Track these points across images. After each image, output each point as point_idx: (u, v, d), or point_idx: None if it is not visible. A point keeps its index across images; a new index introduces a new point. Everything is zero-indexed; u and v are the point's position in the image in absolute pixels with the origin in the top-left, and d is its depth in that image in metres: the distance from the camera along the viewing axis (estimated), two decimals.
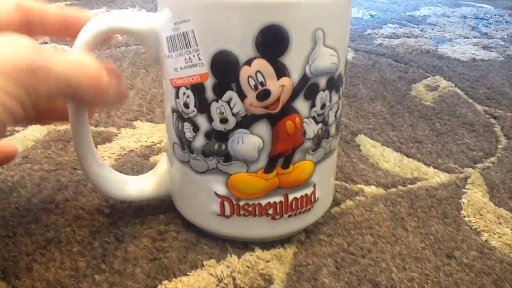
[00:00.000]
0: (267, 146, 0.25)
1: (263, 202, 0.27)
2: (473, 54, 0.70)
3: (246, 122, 0.24)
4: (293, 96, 0.24)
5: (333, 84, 0.25)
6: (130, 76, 0.56)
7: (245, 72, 0.23)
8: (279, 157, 0.26)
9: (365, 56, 0.67)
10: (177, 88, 0.25)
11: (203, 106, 0.24)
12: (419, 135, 0.44)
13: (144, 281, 0.26)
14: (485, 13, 1.02)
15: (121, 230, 0.30)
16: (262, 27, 0.22)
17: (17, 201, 0.32)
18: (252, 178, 0.26)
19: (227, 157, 0.25)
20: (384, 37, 0.78)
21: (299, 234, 0.30)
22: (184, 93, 0.25)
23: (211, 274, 0.26)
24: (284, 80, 0.23)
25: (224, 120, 0.24)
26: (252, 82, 0.23)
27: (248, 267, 0.27)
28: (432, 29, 0.86)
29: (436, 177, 0.37)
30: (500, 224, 0.32)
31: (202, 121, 0.25)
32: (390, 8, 1.04)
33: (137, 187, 0.30)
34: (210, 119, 0.25)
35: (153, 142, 0.41)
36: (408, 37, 0.79)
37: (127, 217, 0.31)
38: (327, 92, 0.25)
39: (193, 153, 0.26)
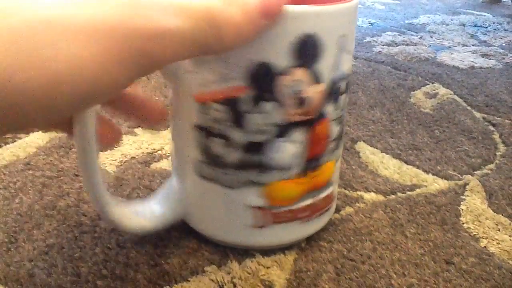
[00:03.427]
0: (302, 151, 0.26)
1: (296, 206, 0.27)
2: (472, 61, 0.71)
3: (284, 130, 0.25)
4: (325, 101, 0.25)
5: (348, 86, 0.27)
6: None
7: (283, 82, 0.23)
8: (312, 161, 0.26)
9: (364, 64, 0.68)
10: (204, 104, 0.24)
11: (238, 120, 0.24)
12: (418, 142, 0.45)
13: (145, 287, 0.26)
14: (483, 21, 1.02)
15: (122, 236, 0.30)
16: (298, 36, 0.22)
17: (19, 207, 0.32)
18: (288, 184, 0.26)
19: (264, 168, 0.25)
20: (383, 45, 0.79)
21: (299, 240, 0.30)
22: (215, 108, 0.24)
23: (212, 280, 0.27)
24: (319, 87, 0.24)
25: (261, 132, 0.24)
26: (290, 91, 0.24)
27: (249, 273, 0.27)
28: (431, 37, 0.86)
29: (435, 184, 0.38)
30: (499, 230, 0.32)
31: (236, 134, 0.25)
32: (389, 16, 1.05)
33: (149, 216, 0.28)
34: (246, 131, 0.24)
35: (154, 149, 0.41)
36: (407, 44, 0.80)
37: None
38: (345, 95, 0.27)
39: (223, 168, 0.26)
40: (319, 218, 0.29)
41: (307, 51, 0.23)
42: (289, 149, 0.25)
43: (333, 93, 0.25)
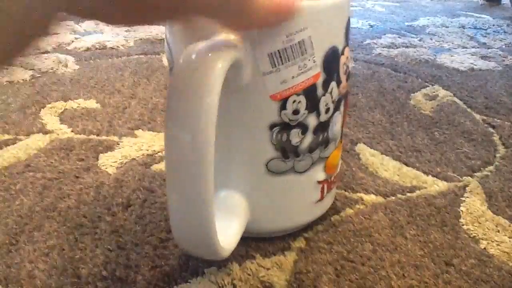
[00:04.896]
0: (343, 120, 0.29)
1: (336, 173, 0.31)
2: (472, 63, 0.71)
3: (338, 104, 0.28)
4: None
5: None
6: (132, 85, 0.56)
7: (342, 61, 0.26)
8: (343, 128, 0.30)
9: (364, 66, 0.68)
10: (284, 100, 0.25)
11: (314, 105, 0.26)
12: (418, 144, 0.45)
13: None
14: (483, 23, 1.03)
15: (122, 237, 0.30)
16: (347, 19, 0.26)
17: (20, 209, 0.32)
18: (338, 152, 0.30)
19: (327, 143, 0.28)
20: (383, 47, 0.79)
21: (300, 242, 0.30)
22: (294, 101, 0.25)
23: (212, 282, 0.27)
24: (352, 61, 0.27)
25: (327, 110, 0.27)
26: (345, 68, 0.27)
27: (249, 275, 0.27)
28: (431, 39, 0.87)
29: (435, 185, 0.38)
30: (499, 232, 0.32)
31: (311, 119, 0.26)
32: (389, 18, 1.05)
33: (232, 236, 0.26)
34: (318, 114, 0.26)
35: (154, 150, 0.41)
36: (407, 47, 0.80)
37: (128, 225, 0.31)
38: None
39: (298, 156, 0.27)
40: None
41: (348, 31, 0.26)
42: (339, 120, 0.28)
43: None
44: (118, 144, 0.42)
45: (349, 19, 0.27)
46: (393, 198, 0.36)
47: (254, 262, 0.28)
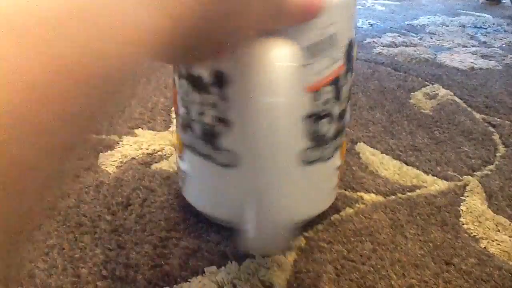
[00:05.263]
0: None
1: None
2: (472, 62, 0.71)
3: (351, 93, 0.29)
4: None
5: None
6: (131, 84, 0.56)
7: (354, 52, 0.28)
8: None
9: (364, 65, 0.68)
10: (316, 91, 0.26)
11: (339, 94, 0.27)
12: (418, 143, 0.45)
13: None
14: (483, 22, 1.03)
15: (122, 237, 0.30)
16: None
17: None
18: (345, 139, 0.30)
19: (343, 129, 0.29)
20: (383, 46, 0.79)
21: (300, 241, 0.30)
22: (325, 91, 0.26)
23: (212, 281, 0.27)
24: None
25: (345, 98, 0.28)
26: (354, 58, 0.28)
27: (249, 274, 0.27)
28: (431, 38, 0.86)
29: (435, 184, 0.38)
30: (499, 231, 0.32)
31: (336, 108, 0.27)
32: (389, 17, 1.05)
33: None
34: (340, 103, 0.28)
35: (154, 149, 0.41)
36: (407, 46, 0.80)
37: (128, 224, 0.31)
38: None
39: (326, 144, 0.28)
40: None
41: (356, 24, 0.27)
42: (349, 108, 0.30)
43: None
44: (118, 143, 0.42)
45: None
46: (393, 197, 0.36)
47: (254, 262, 0.28)
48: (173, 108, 0.28)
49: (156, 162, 0.39)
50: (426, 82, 0.62)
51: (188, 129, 0.28)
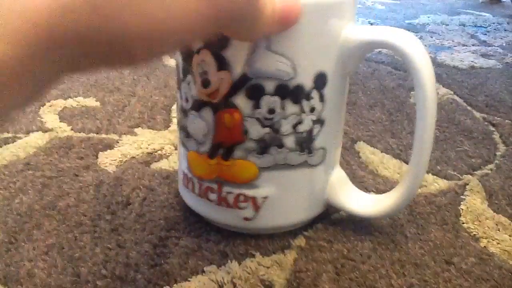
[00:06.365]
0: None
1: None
2: (472, 61, 0.71)
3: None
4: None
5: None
6: (131, 83, 0.56)
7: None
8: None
9: (364, 64, 0.68)
10: None
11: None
12: None
13: (145, 287, 0.26)
14: (483, 21, 1.02)
15: (122, 236, 0.30)
16: None
17: (19, 208, 0.32)
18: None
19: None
20: None
21: (299, 240, 0.30)
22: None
23: (212, 280, 0.27)
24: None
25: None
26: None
27: (249, 273, 0.27)
28: (431, 37, 0.86)
29: (435, 184, 0.38)
30: (499, 230, 0.32)
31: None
32: (389, 16, 1.05)
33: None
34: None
35: (154, 149, 0.41)
36: None
37: (128, 223, 0.31)
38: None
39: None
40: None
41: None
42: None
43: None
44: (118, 142, 0.42)
45: None
46: None
47: (254, 261, 0.28)
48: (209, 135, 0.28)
49: (156, 161, 0.39)
50: None
51: (273, 149, 0.27)
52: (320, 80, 0.26)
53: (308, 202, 0.30)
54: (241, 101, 0.25)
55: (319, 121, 0.27)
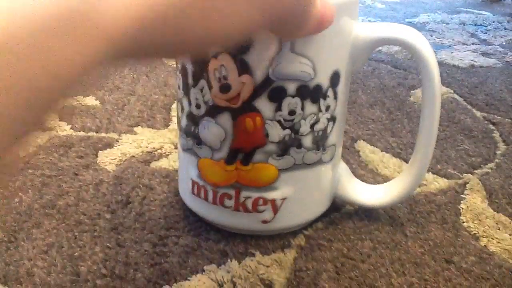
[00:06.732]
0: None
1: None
2: (472, 60, 0.71)
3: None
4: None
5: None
6: (131, 82, 0.56)
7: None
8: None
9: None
10: None
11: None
12: None
13: (145, 286, 0.26)
14: (483, 20, 1.02)
15: (122, 235, 0.30)
16: None
17: (19, 206, 0.32)
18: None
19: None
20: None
21: (299, 239, 0.30)
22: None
23: (212, 279, 0.27)
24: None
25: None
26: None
27: (249, 272, 0.27)
28: (431, 36, 0.86)
29: (435, 182, 0.38)
30: (499, 229, 0.32)
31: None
32: (389, 15, 1.04)
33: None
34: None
35: (153, 148, 0.41)
36: None
37: (128, 222, 0.31)
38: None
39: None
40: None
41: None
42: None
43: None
44: (118, 141, 0.42)
45: None
46: None
47: (254, 260, 0.28)
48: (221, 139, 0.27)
49: (155, 160, 0.39)
50: None
51: (293, 150, 0.27)
52: (335, 79, 0.27)
53: (320, 198, 0.31)
54: (263, 105, 0.25)
55: (332, 119, 0.28)
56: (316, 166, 0.28)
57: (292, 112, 0.26)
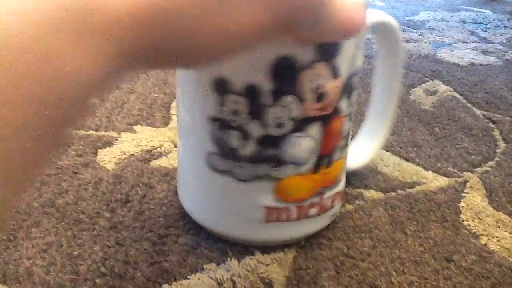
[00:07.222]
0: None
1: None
2: (472, 58, 0.71)
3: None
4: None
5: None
6: (131, 80, 0.56)
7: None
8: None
9: (364, 61, 0.68)
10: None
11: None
12: (418, 139, 0.44)
13: (144, 285, 0.26)
14: (484, 18, 1.02)
15: (121, 233, 0.30)
16: None
17: (18, 205, 0.32)
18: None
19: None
20: None
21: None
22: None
23: (211, 278, 0.27)
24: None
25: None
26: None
27: (248, 271, 0.27)
28: (431, 34, 0.86)
29: (435, 181, 0.38)
30: (499, 228, 0.32)
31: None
32: (389, 13, 1.04)
33: None
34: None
35: (153, 146, 0.41)
36: (407, 41, 0.80)
37: (127, 221, 0.31)
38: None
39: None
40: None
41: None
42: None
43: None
44: (117, 139, 0.42)
45: None
46: (393, 193, 0.36)
47: (254, 258, 0.28)
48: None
49: (155, 159, 0.39)
50: (426, 78, 0.62)
51: (349, 140, 0.29)
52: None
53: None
54: (344, 104, 0.26)
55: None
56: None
57: (354, 104, 0.27)
